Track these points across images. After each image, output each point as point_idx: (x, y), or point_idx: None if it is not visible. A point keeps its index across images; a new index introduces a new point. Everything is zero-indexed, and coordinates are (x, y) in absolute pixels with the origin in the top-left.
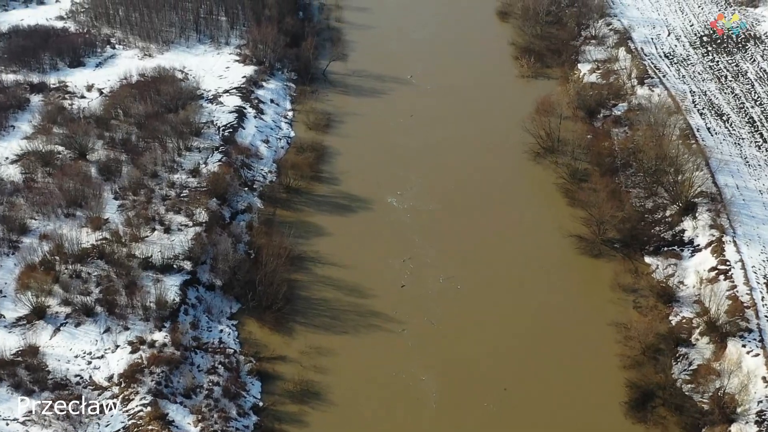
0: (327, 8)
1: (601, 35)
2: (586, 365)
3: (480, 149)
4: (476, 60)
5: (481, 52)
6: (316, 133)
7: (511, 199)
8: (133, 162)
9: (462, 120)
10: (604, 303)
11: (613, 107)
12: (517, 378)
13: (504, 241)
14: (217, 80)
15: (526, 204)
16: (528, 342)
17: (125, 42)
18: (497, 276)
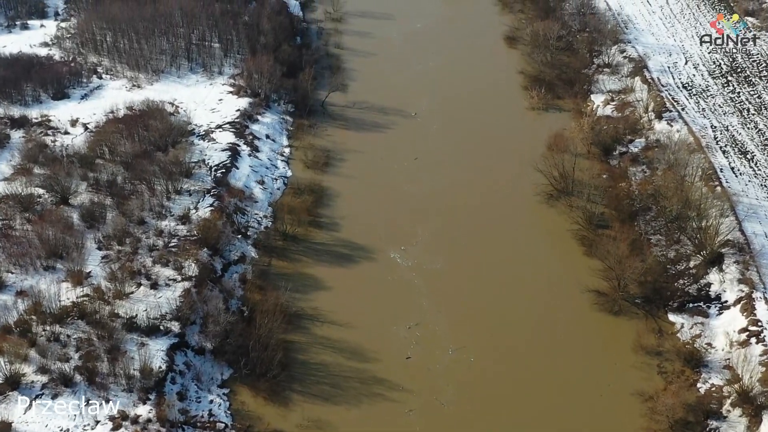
0: (326, 33)
1: (614, 63)
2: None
3: (490, 195)
4: (483, 92)
5: (489, 83)
6: (315, 172)
7: (524, 252)
8: (119, 207)
9: (470, 162)
10: (627, 368)
11: (630, 143)
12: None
13: (518, 302)
14: (210, 114)
15: (540, 256)
16: (549, 422)
17: (113, 71)
18: (512, 344)
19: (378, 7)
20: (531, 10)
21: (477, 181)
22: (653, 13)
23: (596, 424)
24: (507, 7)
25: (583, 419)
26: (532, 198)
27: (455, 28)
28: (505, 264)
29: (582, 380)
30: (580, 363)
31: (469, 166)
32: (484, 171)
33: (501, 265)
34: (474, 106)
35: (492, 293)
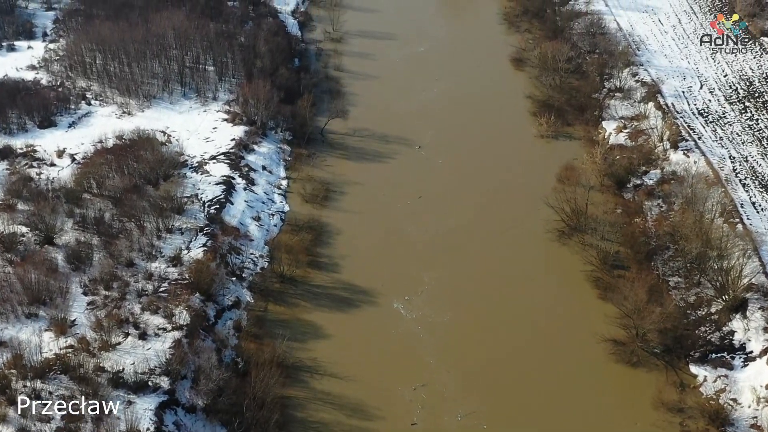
0: (325, 54)
1: (626, 87)
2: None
3: (498, 236)
4: (490, 119)
5: (496, 110)
6: (313, 207)
7: (536, 299)
8: (107, 247)
9: (477, 199)
10: (648, 426)
11: (644, 175)
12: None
13: (531, 357)
14: (203, 143)
15: (553, 302)
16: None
17: (102, 97)
18: (526, 405)
19: (379, 27)
20: (538, 29)
21: (485, 220)
22: (665, 33)
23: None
24: (513, 26)
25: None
26: (544, 236)
27: (459, 51)
28: (517, 314)
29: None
30: (598, 422)
31: (477, 203)
32: (492, 209)
33: (512, 316)
34: (481, 136)
35: (503, 348)
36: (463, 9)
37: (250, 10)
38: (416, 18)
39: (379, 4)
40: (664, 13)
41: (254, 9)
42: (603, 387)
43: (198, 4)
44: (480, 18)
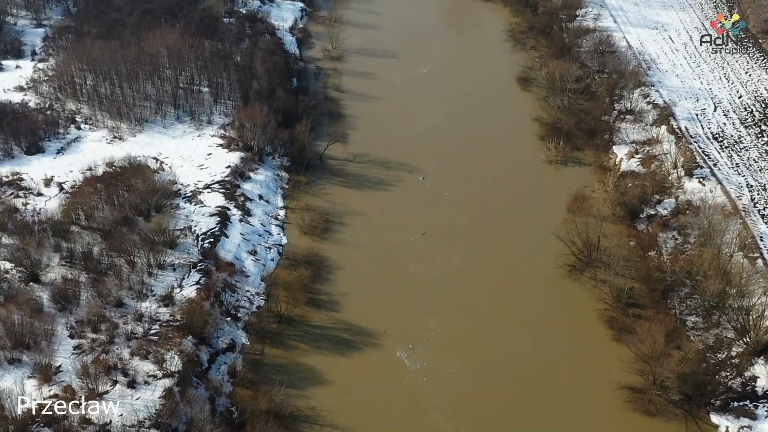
0: (324, 74)
1: (637, 110)
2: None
3: (507, 274)
4: (497, 145)
5: (502, 134)
6: (312, 239)
7: (548, 342)
8: (95, 285)
9: (484, 234)
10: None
11: (658, 204)
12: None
13: (544, 409)
14: (197, 171)
15: (565, 345)
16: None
17: (92, 120)
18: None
19: (380, 44)
20: (544, 47)
21: (493, 258)
22: (676, 51)
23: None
24: (518, 43)
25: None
26: (554, 272)
27: (463, 72)
28: (528, 362)
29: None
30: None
31: (484, 239)
32: (500, 245)
33: (523, 365)
34: (487, 164)
35: (515, 402)
36: (467, 24)
37: (246, 27)
38: (418, 34)
39: (379, 20)
40: (675, 30)
41: (251, 26)
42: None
43: (192, 21)
44: (484, 34)
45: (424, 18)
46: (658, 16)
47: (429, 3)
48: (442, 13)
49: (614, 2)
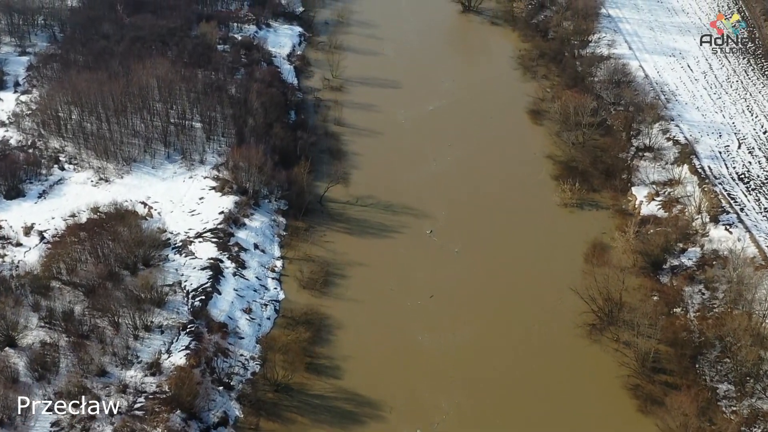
0: (324, 106)
1: (657, 147)
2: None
3: (523, 341)
4: (509, 189)
5: (515, 177)
6: (311, 294)
7: (569, 417)
8: (76, 350)
9: (497, 296)
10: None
11: (682, 254)
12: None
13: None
14: (188, 218)
15: (587, 419)
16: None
17: (77, 160)
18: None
19: (382, 72)
20: (556, 75)
21: (507, 323)
22: (696, 81)
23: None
24: (529, 72)
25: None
26: (573, 332)
27: (472, 106)
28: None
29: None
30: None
31: (497, 302)
32: (514, 306)
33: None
34: (499, 213)
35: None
36: (473, 50)
37: (242, 55)
38: (423, 62)
39: (382, 45)
40: (693, 57)
41: (246, 54)
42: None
43: (185, 49)
44: (493, 62)
45: (428, 43)
46: (675, 42)
47: (434, 26)
48: (447, 37)
49: (628, 27)
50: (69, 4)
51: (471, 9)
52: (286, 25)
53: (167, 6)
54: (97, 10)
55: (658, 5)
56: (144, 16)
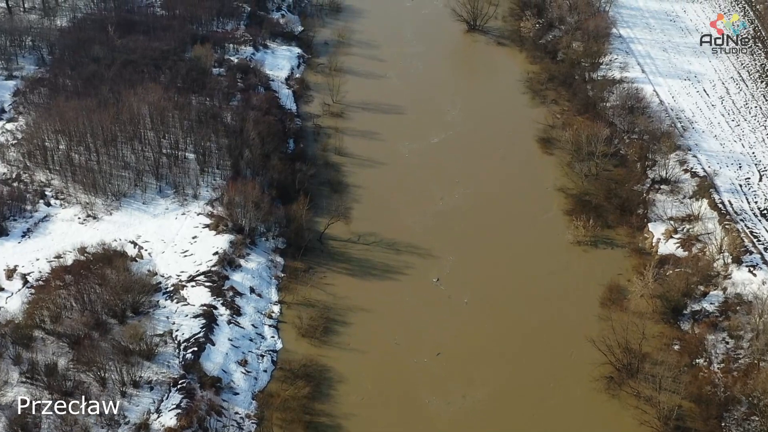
0: (324, 134)
1: (673, 179)
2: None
3: (537, 400)
4: (519, 227)
5: (525, 213)
6: (311, 342)
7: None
8: (58, 409)
9: (509, 351)
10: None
11: (703, 298)
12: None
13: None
14: (181, 259)
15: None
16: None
17: (64, 195)
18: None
19: (384, 97)
20: (566, 100)
21: (520, 382)
22: (713, 106)
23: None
24: (537, 96)
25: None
26: (590, 386)
27: (479, 136)
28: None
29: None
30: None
31: (510, 358)
32: (528, 362)
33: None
34: (510, 254)
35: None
36: (479, 72)
37: (238, 79)
38: (427, 85)
39: (384, 68)
40: (709, 81)
41: (243, 77)
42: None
43: (178, 74)
44: (499, 85)
45: (432, 64)
46: (690, 65)
47: (438, 46)
48: (452, 58)
49: (641, 48)
50: (59, 24)
51: (476, 28)
52: (284, 45)
53: (160, 27)
54: (88, 32)
55: (671, 24)
56: (136, 37)
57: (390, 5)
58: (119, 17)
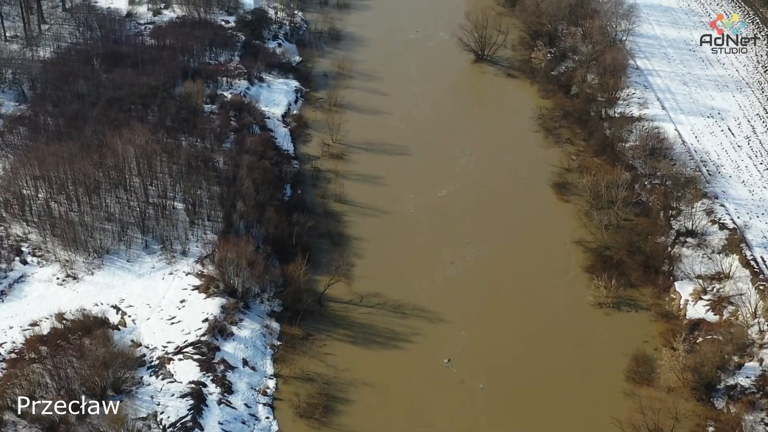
0: (323, 178)
1: (700, 231)
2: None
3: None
4: (537, 293)
5: (542, 274)
6: (310, 424)
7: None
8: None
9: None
10: None
11: (738, 370)
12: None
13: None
14: (167, 327)
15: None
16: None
17: (42, 251)
18: None
19: (387, 136)
20: (581, 139)
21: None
22: (739, 147)
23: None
24: (551, 135)
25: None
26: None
27: (489, 188)
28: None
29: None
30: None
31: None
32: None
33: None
34: (528, 326)
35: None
36: (489, 109)
37: (231, 118)
38: (432, 125)
39: (387, 103)
40: (734, 119)
41: (236, 115)
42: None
43: (167, 113)
44: (511, 124)
45: (438, 99)
46: (713, 100)
47: (444, 78)
48: (459, 92)
49: (660, 82)
50: (42, 55)
51: (485, 58)
52: (281, 78)
53: (149, 59)
54: (72, 64)
55: (690, 55)
56: (123, 70)
57: (393, 36)
58: (105, 48)
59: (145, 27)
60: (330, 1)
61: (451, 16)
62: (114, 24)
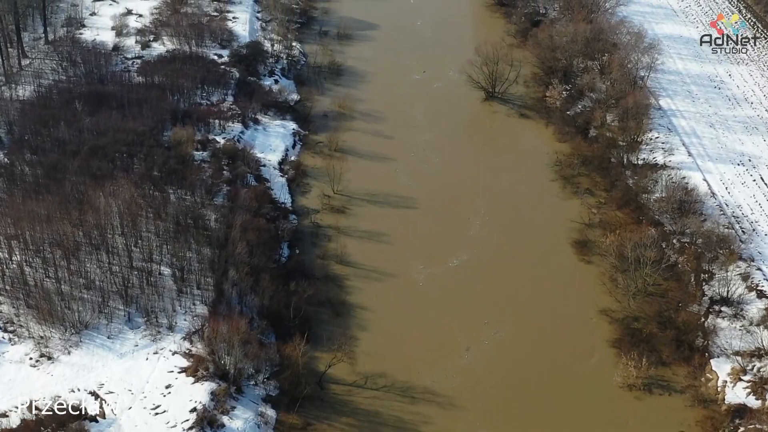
0: (324, 235)
1: (735, 299)
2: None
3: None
4: (561, 379)
5: (566, 355)
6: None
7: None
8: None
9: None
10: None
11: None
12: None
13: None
14: (150, 417)
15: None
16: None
17: (14, 326)
18: None
19: (392, 186)
20: (602, 189)
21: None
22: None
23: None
24: (569, 184)
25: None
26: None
27: (505, 255)
28: None
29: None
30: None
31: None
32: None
33: None
34: (553, 424)
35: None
36: (502, 156)
37: (224, 167)
38: (441, 176)
39: (392, 148)
40: (765, 166)
41: (230, 164)
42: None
43: (154, 163)
44: (526, 173)
45: (447, 148)
46: (742, 144)
47: (452, 119)
48: (470, 140)
49: (684, 124)
50: (21, 94)
51: (496, 96)
52: (277, 120)
53: (135, 100)
54: (53, 107)
55: (716, 92)
56: (107, 113)
57: (397, 75)
58: (90, 87)
59: (133, 62)
60: (330, 32)
61: (458, 49)
62: (99, 59)
